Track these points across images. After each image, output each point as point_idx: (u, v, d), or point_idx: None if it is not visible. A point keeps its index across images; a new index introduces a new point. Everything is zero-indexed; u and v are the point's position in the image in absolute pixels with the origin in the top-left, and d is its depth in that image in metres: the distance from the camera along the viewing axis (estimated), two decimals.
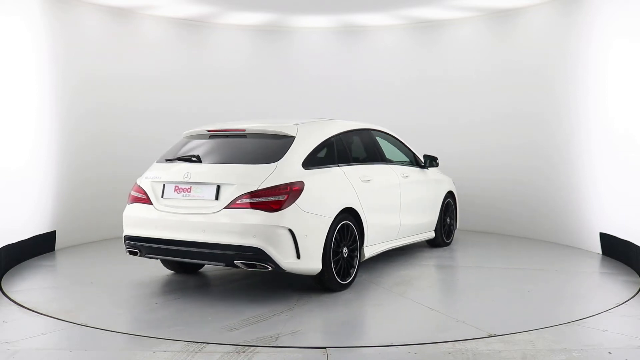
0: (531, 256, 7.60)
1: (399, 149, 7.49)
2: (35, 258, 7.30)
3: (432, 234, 7.86)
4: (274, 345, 4.27)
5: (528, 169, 8.89)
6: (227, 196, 5.27)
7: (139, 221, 5.66)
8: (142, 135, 9.31)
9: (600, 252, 7.51)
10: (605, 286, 6.18)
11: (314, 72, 10.40)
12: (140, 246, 5.66)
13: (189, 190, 5.50)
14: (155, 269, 6.66)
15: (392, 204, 6.77)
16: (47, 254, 7.62)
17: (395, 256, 7.45)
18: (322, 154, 5.92)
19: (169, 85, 9.60)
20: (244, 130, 5.83)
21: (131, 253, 5.79)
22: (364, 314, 5.23)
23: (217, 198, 5.32)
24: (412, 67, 10.14)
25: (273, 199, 5.17)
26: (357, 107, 10.03)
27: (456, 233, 8.82)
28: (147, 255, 5.69)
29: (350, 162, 6.23)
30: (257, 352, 4.12)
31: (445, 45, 9.91)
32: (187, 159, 5.74)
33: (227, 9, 9.24)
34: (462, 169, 9.74)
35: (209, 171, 5.51)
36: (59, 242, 7.89)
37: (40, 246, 7.50)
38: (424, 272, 6.76)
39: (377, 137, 7.03)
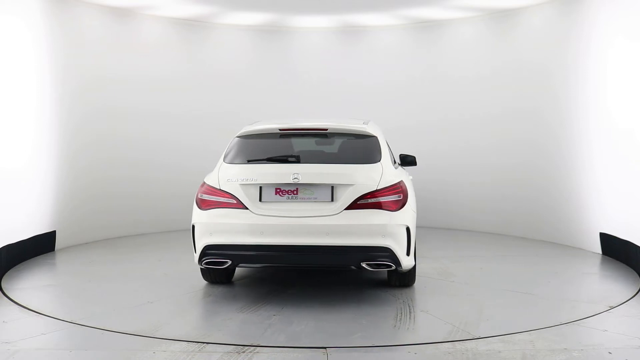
0: (531, 255, 7.62)
1: None
2: (36, 258, 7.30)
3: None
4: (280, 345, 4.27)
5: (528, 168, 8.88)
6: (345, 197, 5.15)
7: (232, 228, 5.18)
8: (142, 135, 9.31)
9: (600, 252, 7.51)
10: (605, 286, 6.19)
11: (313, 71, 10.39)
12: (233, 255, 5.21)
13: (295, 192, 5.22)
14: (162, 271, 6.65)
15: None
16: (47, 254, 7.62)
17: None
18: None
19: (168, 85, 9.60)
20: (327, 129, 5.72)
21: (214, 264, 5.28)
22: (486, 304, 5.34)
23: (332, 199, 5.20)
24: (412, 67, 10.13)
25: (392, 199, 5.20)
26: (357, 107, 10.01)
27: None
28: (240, 264, 5.36)
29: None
30: (257, 352, 4.12)
31: (445, 45, 9.90)
32: (282, 160, 5.40)
33: (227, 9, 9.24)
34: (461, 168, 9.74)
35: (322, 172, 5.28)
36: (59, 242, 7.89)
37: (40, 246, 7.50)
38: (442, 265, 6.90)
39: None
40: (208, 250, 5.24)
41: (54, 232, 7.79)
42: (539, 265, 7.03)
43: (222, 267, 5.29)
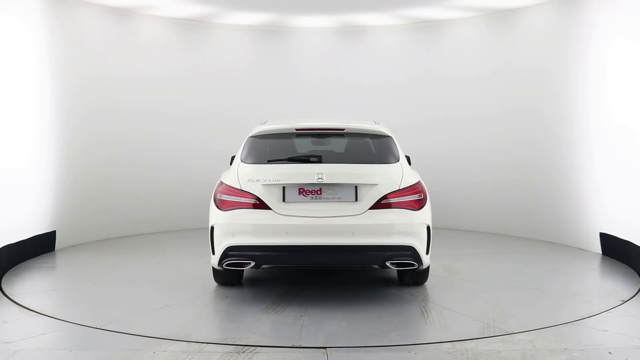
0: (531, 255, 7.63)
1: None
2: (36, 258, 7.30)
3: None
4: (277, 345, 4.27)
5: (528, 168, 8.88)
6: (369, 197, 5.21)
7: (256, 228, 5.16)
8: (142, 135, 9.31)
9: (600, 252, 7.51)
10: (606, 286, 6.19)
11: (313, 71, 10.39)
12: (257, 256, 5.18)
13: (319, 192, 5.24)
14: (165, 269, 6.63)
15: None
16: (47, 254, 7.62)
17: None
18: None
19: (168, 85, 9.60)
20: (344, 129, 5.74)
21: (236, 265, 5.26)
22: (504, 300, 5.46)
23: (356, 199, 5.22)
24: (412, 67, 10.13)
25: (414, 198, 5.30)
26: (357, 107, 10.02)
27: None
28: (263, 265, 5.32)
29: None
30: (257, 352, 4.12)
31: (445, 45, 9.91)
32: (304, 160, 5.44)
33: (227, 9, 9.24)
34: (461, 168, 9.74)
35: (346, 172, 5.31)
36: (59, 242, 7.88)
37: (40, 246, 7.49)
38: (444, 263, 6.95)
39: None
40: (230, 252, 5.20)
41: (54, 232, 7.79)
42: (539, 265, 7.05)
43: (245, 268, 5.27)
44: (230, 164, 6.74)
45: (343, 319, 4.87)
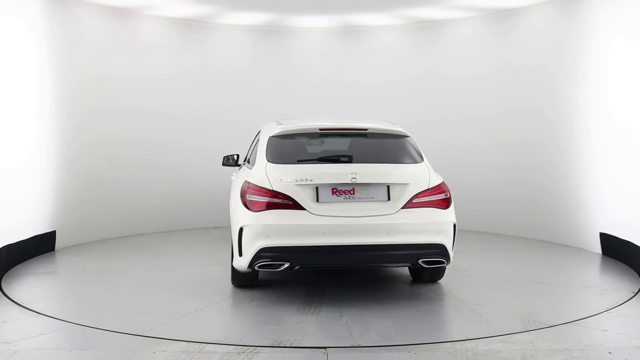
0: (532, 256, 7.62)
1: None
2: (36, 258, 7.29)
3: None
4: (278, 345, 4.27)
5: (528, 168, 8.88)
6: (401, 196, 5.25)
7: (291, 229, 5.09)
8: (142, 135, 9.31)
9: (600, 252, 7.51)
10: (606, 286, 6.18)
11: (313, 71, 10.39)
12: (291, 257, 5.11)
13: (352, 192, 5.23)
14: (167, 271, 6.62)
15: None
16: (47, 254, 7.61)
17: None
18: None
19: (168, 85, 9.60)
20: (367, 129, 5.78)
21: (269, 267, 5.16)
22: (524, 295, 5.60)
23: (389, 199, 5.25)
24: (412, 67, 10.13)
25: (442, 197, 5.38)
26: (357, 107, 10.01)
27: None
28: (297, 266, 5.20)
29: None
30: (257, 352, 4.12)
31: (445, 45, 9.90)
32: (335, 160, 5.44)
33: (227, 9, 9.24)
34: (461, 168, 9.73)
35: (378, 171, 5.34)
36: (59, 242, 7.88)
37: (40, 246, 7.49)
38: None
39: None
40: (262, 253, 5.10)
41: (54, 232, 7.78)
42: (540, 265, 7.05)
43: (279, 269, 5.20)
44: (223, 164, 6.72)
45: (385, 318, 4.88)
